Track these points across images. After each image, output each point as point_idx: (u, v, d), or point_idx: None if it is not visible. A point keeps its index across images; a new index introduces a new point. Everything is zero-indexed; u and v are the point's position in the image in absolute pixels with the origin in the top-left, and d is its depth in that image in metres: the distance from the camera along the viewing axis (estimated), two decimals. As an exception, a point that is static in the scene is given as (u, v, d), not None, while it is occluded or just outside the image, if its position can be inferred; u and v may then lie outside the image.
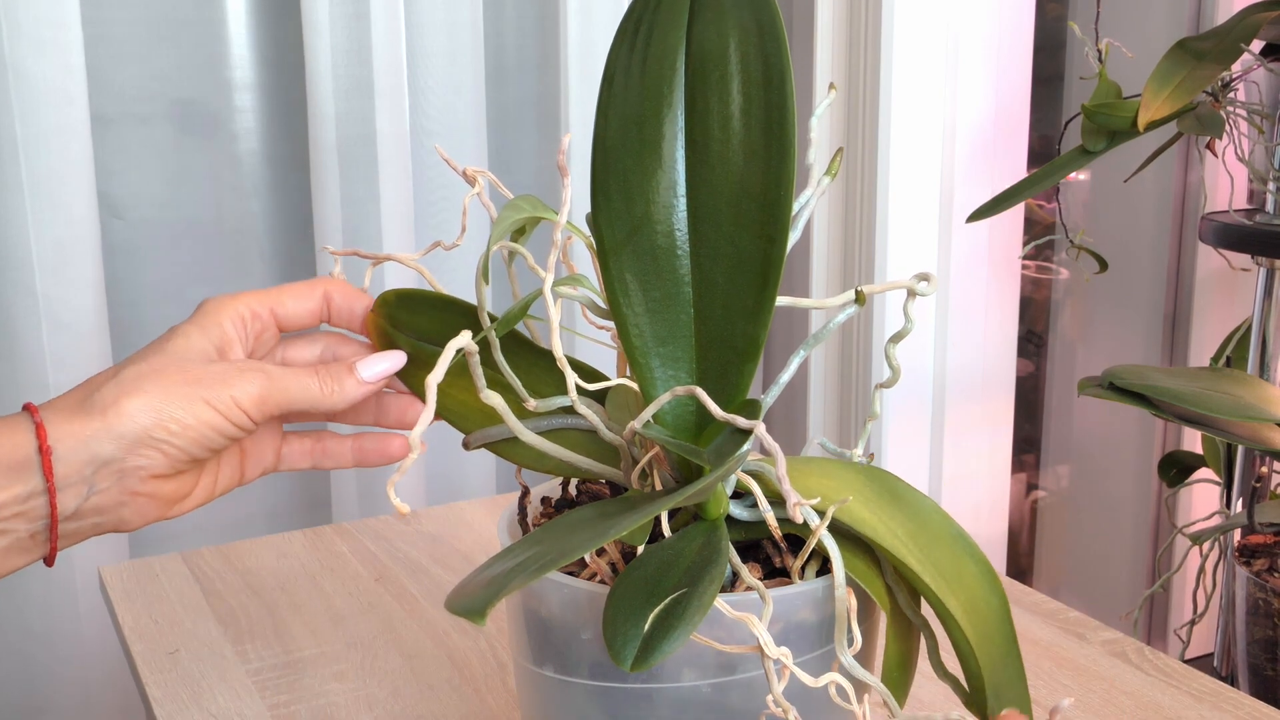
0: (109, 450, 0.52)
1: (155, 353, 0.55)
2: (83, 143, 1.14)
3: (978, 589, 0.50)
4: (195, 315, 0.57)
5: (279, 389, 0.55)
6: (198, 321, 0.57)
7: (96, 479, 0.52)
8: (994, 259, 1.48)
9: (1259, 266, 1.29)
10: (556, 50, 1.36)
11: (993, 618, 0.50)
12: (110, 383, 0.53)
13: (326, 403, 0.56)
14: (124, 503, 0.54)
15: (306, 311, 0.59)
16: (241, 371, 0.55)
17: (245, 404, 0.54)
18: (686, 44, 0.51)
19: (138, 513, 0.54)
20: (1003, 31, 1.43)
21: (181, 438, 0.53)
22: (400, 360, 0.58)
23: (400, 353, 0.58)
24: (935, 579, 0.49)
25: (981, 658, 0.49)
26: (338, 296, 0.60)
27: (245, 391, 0.54)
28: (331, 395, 0.56)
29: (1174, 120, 1.16)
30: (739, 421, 0.47)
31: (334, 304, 0.60)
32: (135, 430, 0.52)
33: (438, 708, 0.74)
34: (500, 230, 0.50)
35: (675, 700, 0.48)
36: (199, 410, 0.53)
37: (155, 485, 0.54)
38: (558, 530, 0.47)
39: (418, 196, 1.32)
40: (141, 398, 0.53)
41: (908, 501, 0.51)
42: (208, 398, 0.53)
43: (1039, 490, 1.89)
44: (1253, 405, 1.08)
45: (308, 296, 0.59)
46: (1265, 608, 1.20)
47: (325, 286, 0.59)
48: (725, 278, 0.50)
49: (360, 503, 1.34)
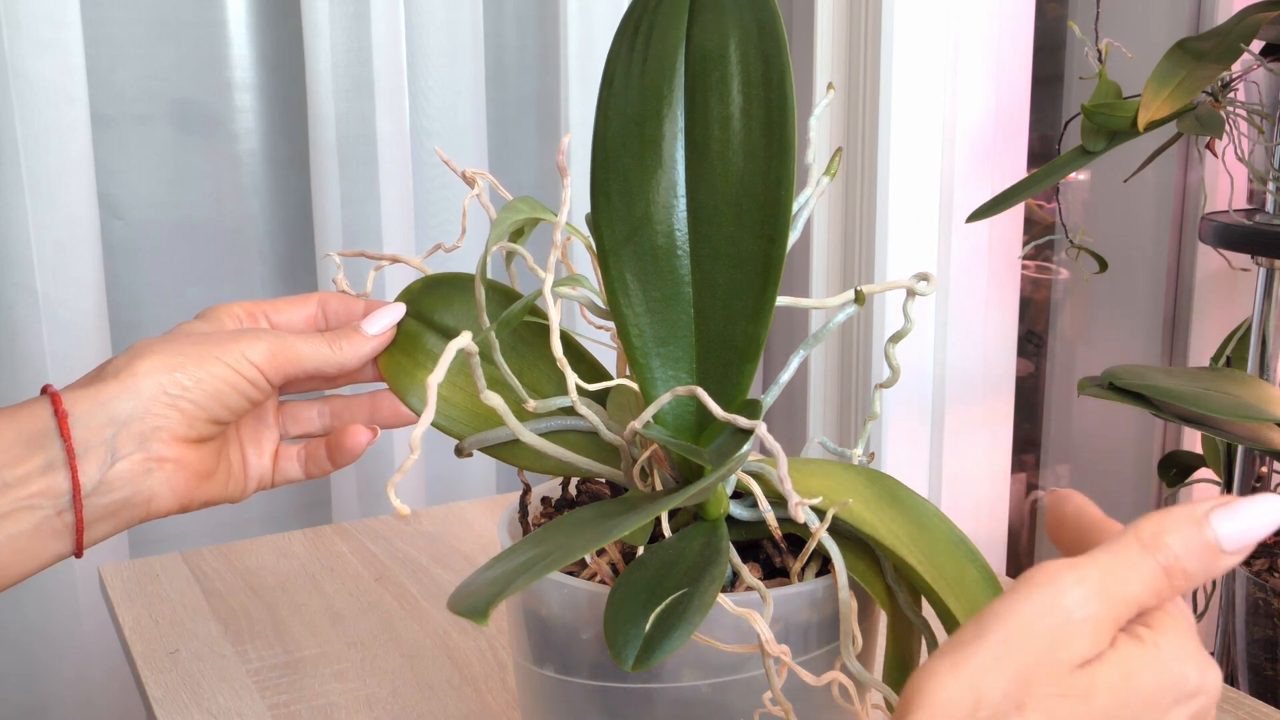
0: (127, 409, 0.53)
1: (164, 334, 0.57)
2: (83, 142, 1.14)
3: (979, 593, 0.50)
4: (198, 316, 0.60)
5: (287, 346, 0.56)
6: (199, 317, 0.59)
7: (118, 443, 0.53)
8: (994, 259, 1.48)
9: (1259, 266, 1.29)
10: (556, 50, 1.36)
11: None
12: (121, 355, 0.55)
13: (337, 359, 0.57)
14: (150, 470, 0.54)
15: (302, 318, 0.61)
16: (246, 333, 0.57)
17: (256, 359, 0.55)
18: (686, 44, 0.51)
19: (166, 483, 0.54)
20: (1003, 31, 1.43)
21: (196, 392, 0.54)
22: (401, 310, 0.59)
23: (400, 306, 0.59)
24: (937, 580, 0.49)
25: None
26: (333, 303, 0.61)
27: (254, 348, 0.55)
28: (342, 352, 0.57)
29: (1174, 120, 1.16)
30: (739, 421, 0.47)
31: (329, 308, 0.61)
32: (150, 387, 0.53)
33: (438, 708, 0.74)
34: (498, 232, 0.50)
35: (675, 700, 0.48)
36: (211, 366, 0.54)
37: (180, 450, 0.54)
38: (559, 531, 0.47)
39: (418, 196, 1.32)
40: (152, 357, 0.54)
41: (909, 505, 0.51)
42: (218, 354, 0.55)
43: (1039, 490, 1.89)
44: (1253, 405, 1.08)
45: (302, 305, 0.61)
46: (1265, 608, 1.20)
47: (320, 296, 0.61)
48: (725, 277, 0.50)
49: (360, 503, 1.34)
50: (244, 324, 0.59)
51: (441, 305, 0.60)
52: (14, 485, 0.51)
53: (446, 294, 0.60)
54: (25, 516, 0.52)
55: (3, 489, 0.51)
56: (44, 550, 0.53)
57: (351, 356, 0.58)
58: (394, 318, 0.59)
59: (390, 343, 0.59)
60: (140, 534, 1.30)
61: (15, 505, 0.52)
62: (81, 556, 0.54)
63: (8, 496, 0.51)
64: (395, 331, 0.59)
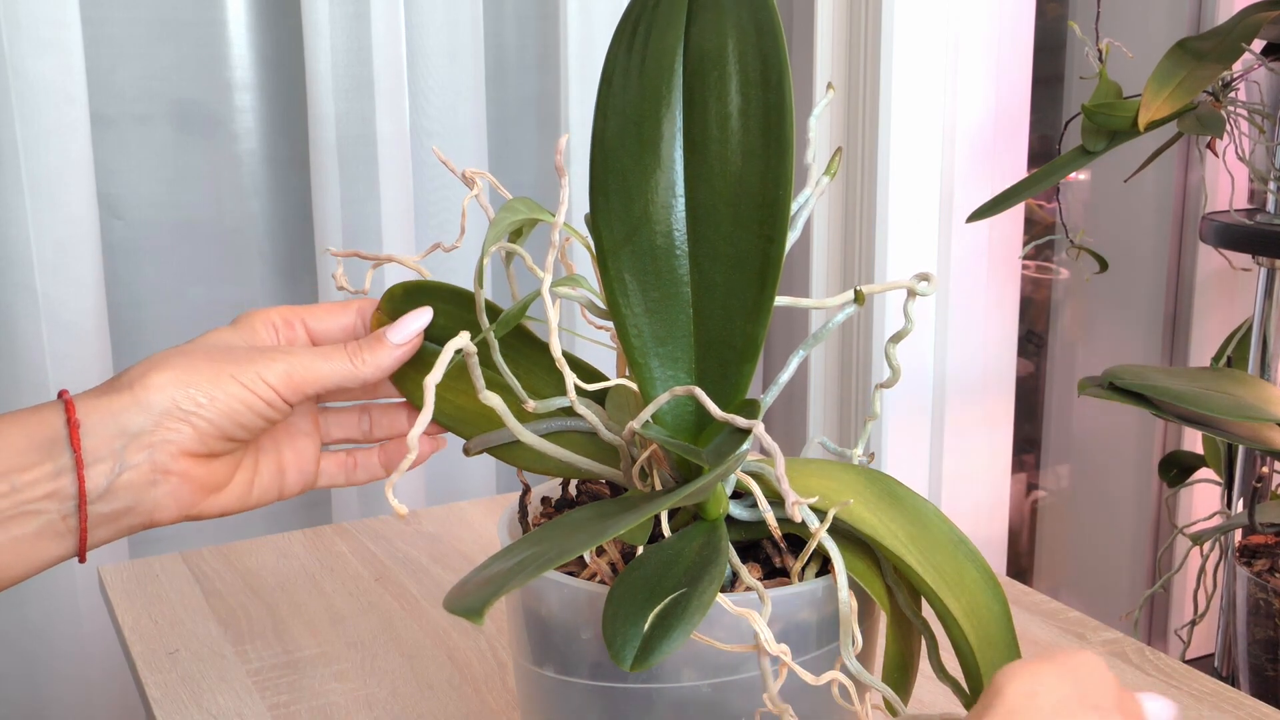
0: (138, 422, 0.53)
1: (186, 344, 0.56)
2: (83, 143, 1.14)
3: (979, 594, 0.50)
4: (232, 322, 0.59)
5: (304, 366, 0.55)
6: (233, 324, 0.59)
7: (127, 454, 0.53)
8: (994, 259, 1.48)
9: (1259, 266, 1.29)
10: (556, 50, 1.36)
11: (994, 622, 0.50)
12: (137, 365, 0.54)
13: (360, 374, 0.56)
14: (155, 481, 0.54)
15: (339, 327, 0.60)
16: (265, 352, 0.56)
17: (272, 380, 0.55)
18: (685, 44, 0.51)
19: (171, 495, 0.54)
20: (1003, 31, 1.43)
21: (209, 409, 0.54)
22: (428, 315, 0.58)
23: (427, 309, 0.58)
24: (936, 580, 0.49)
25: (982, 661, 0.49)
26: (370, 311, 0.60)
27: (271, 370, 0.55)
28: (364, 366, 0.56)
29: (1174, 120, 1.16)
30: (738, 421, 0.47)
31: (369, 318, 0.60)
32: (163, 402, 0.53)
33: (438, 708, 0.74)
34: (496, 233, 0.50)
35: (675, 700, 0.48)
36: (226, 385, 0.54)
37: (187, 465, 0.54)
38: (557, 530, 0.47)
39: (418, 196, 1.32)
40: (168, 372, 0.54)
41: (908, 504, 0.51)
42: (233, 373, 0.54)
43: (1039, 490, 1.89)
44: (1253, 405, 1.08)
45: (341, 314, 0.60)
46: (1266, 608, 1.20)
47: (359, 304, 0.60)
48: (724, 278, 0.50)
49: (360, 503, 1.34)
50: (279, 333, 0.59)
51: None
52: (21, 489, 0.52)
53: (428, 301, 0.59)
54: (30, 520, 0.52)
55: (10, 492, 0.51)
56: (46, 552, 0.53)
57: (374, 369, 0.56)
58: (420, 324, 0.57)
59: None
60: (140, 534, 1.30)
61: (21, 509, 0.52)
62: (85, 561, 0.54)
63: (14, 500, 0.51)
64: (421, 339, 0.58)
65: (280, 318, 0.59)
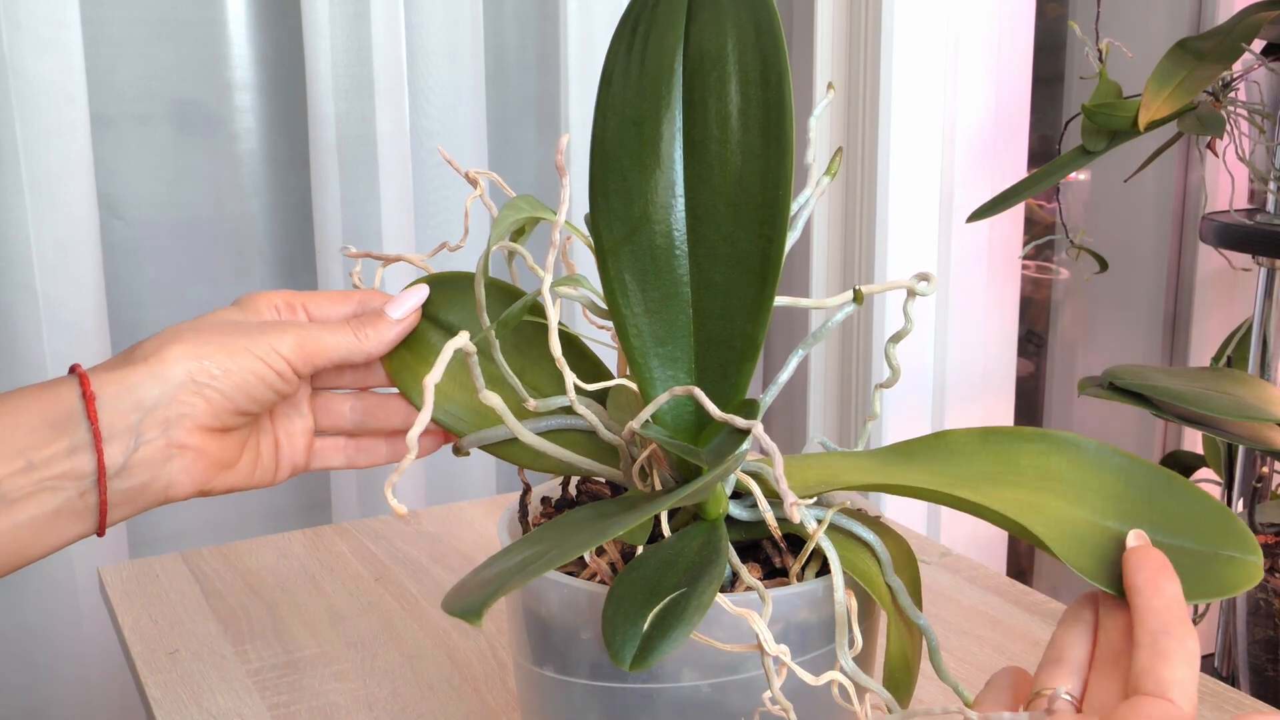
0: (154, 395, 0.53)
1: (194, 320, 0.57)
2: (83, 143, 1.14)
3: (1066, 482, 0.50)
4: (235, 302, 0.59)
5: (313, 338, 0.56)
6: (236, 304, 0.59)
7: (143, 428, 0.53)
8: (994, 259, 1.48)
9: (1259, 266, 1.29)
10: (556, 50, 1.36)
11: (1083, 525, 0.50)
12: (151, 339, 0.55)
13: (364, 348, 0.57)
14: (170, 456, 0.54)
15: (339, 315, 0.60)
16: (275, 325, 0.56)
17: (284, 351, 0.55)
18: (684, 44, 0.51)
19: (185, 470, 0.54)
20: (1003, 31, 1.43)
21: (224, 382, 0.54)
22: (424, 293, 0.59)
23: (424, 287, 0.59)
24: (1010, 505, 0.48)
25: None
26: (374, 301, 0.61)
27: (283, 341, 0.55)
28: (367, 340, 0.57)
29: (1174, 120, 1.16)
30: (737, 421, 0.47)
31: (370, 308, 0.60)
32: (178, 375, 0.53)
33: (438, 708, 0.74)
34: (499, 231, 0.50)
35: (675, 700, 0.48)
36: (239, 357, 0.54)
37: (201, 440, 0.54)
38: (557, 530, 0.47)
39: (418, 196, 1.32)
40: (182, 344, 0.54)
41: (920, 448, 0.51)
42: (247, 345, 0.55)
43: (1039, 490, 1.89)
44: (1253, 405, 1.08)
45: (342, 303, 0.60)
46: (1266, 608, 1.20)
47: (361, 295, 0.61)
48: (724, 277, 0.50)
49: (360, 503, 1.34)
50: (281, 314, 0.59)
51: (446, 304, 0.60)
52: (39, 466, 0.51)
53: (451, 293, 0.60)
54: (48, 498, 0.52)
55: (28, 469, 0.51)
56: (64, 531, 0.53)
57: (377, 343, 0.57)
58: (418, 301, 0.59)
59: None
60: (140, 534, 1.30)
61: (39, 486, 0.51)
62: (104, 535, 0.54)
63: (32, 477, 0.51)
64: (420, 315, 0.59)
65: (283, 300, 0.59)
